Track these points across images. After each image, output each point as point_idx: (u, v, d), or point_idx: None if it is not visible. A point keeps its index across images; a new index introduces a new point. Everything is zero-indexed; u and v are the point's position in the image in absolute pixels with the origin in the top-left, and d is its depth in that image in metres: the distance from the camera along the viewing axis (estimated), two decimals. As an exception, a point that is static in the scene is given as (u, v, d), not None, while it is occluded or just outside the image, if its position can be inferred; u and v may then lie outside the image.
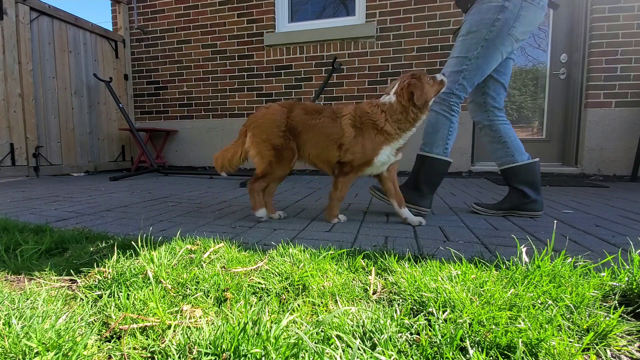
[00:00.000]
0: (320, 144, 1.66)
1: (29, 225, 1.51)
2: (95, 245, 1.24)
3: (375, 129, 1.61)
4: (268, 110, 1.71)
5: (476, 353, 0.61)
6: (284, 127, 1.66)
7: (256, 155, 1.69)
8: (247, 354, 0.58)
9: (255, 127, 1.70)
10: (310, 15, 4.52)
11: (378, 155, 1.62)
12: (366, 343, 0.65)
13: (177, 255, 1.09)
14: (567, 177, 3.79)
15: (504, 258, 1.05)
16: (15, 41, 3.68)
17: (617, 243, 1.37)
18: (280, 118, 1.67)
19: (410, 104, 1.58)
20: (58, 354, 0.59)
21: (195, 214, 1.95)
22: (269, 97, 4.57)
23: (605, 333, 0.68)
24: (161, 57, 4.98)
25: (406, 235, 1.49)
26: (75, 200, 2.39)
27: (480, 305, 0.75)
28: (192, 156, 4.98)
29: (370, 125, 1.61)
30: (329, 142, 1.65)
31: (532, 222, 1.74)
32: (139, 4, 4.97)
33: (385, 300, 0.85)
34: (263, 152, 1.67)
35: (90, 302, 0.82)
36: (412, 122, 1.61)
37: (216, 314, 0.78)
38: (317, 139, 1.66)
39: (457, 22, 3.89)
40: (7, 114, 3.63)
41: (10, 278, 1.00)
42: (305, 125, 1.66)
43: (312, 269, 0.97)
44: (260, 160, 1.68)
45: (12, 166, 3.68)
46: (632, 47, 3.58)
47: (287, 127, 1.67)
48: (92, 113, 4.64)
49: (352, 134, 1.62)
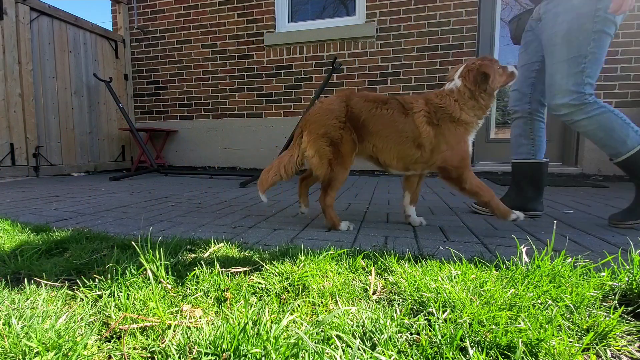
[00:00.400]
0: (392, 138, 1.50)
1: (29, 225, 1.51)
2: (95, 245, 1.24)
3: (452, 121, 1.48)
4: (323, 103, 1.57)
5: (476, 353, 0.61)
6: (343, 117, 1.51)
7: (314, 155, 1.52)
8: (247, 354, 0.58)
9: (311, 124, 1.54)
10: (310, 15, 4.52)
11: (468, 147, 1.50)
12: (366, 343, 0.65)
13: (177, 255, 1.09)
14: (567, 177, 3.79)
15: (504, 258, 1.05)
16: (15, 41, 3.68)
17: (617, 243, 1.37)
18: (339, 107, 1.52)
19: (478, 88, 1.46)
20: (58, 354, 0.59)
21: (195, 214, 1.95)
22: (269, 97, 4.57)
23: (605, 333, 0.68)
24: (161, 57, 4.98)
25: (406, 235, 1.49)
26: (75, 200, 2.39)
27: (480, 305, 0.75)
28: (192, 156, 4.98)
29: (447, 119, 1.48)
30: (403, 139, 1.50)
31: (532, 222, 1.74)
32: (139, 4, 4.97)
33: (385, 300, 0.85)
34: (321, 149, 1.51)
35: (90, 302, 0.82)
36: (484, 108, 1.49)
37: (216, 314, 0.78)
38: (387, 131, 1.50)
39: (457, 22, 3.89)
40: (7, 114, 3.63)
41: (10, 278, 1.00)
42: (370, 114, 1.50)
43: (312, 269, 0.97)
44: (319, 161, 1.52)
45: (12, 166, 3.68)
46: (632, 47, 3.58)
47: (348, 117, 1.51)
48: (92, 113, 4.64)
49: (431, 133, 1.48)
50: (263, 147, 4.63)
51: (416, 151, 1.50)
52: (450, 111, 1.48)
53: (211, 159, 4.90)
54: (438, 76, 4.00)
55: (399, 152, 1.52)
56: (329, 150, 1.50)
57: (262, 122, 4.62)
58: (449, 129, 1.48)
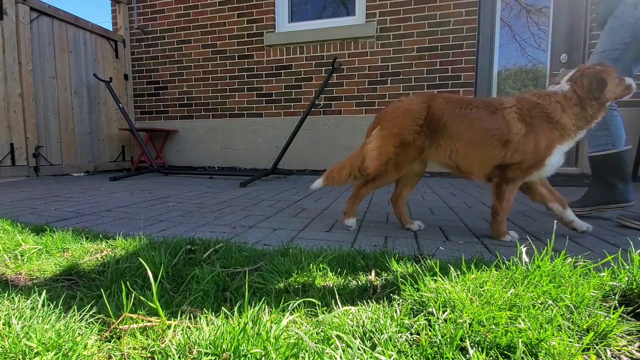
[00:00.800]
0: (475, 141, 1.38)
1: (29, 225, 1.51)
2: (95, 245, 1.24)
3: (549, 122, 1.34)
4: (402, 103, 1.50)
5: (476, 353, 0.61)
6: (422, 120, 1.43)
7: (376, 148, 1.46)
8: (247, 354, 0.58)
9: (386, 120, 1.48)
10: (310, 15, 4.52)
11: (551, 156, 1.36)
12: (366, 343, 0.65)
13: (177, 255, 1.09)
14: (567, 177, 3.79)
15: (504, 258, 1.05)
16: (15, 41, 3.68)
17: (617, 243, 1.37)
18: (419, 109, 1.44)
19: (589, 96, 1.32)
20: (58, 354, 0.59)
21: (195, 214, 1.95)
22: (269, 97, 4.57)
23: (605, 333, 0.68)
24: (161, 57, 4.98)
25: (406, 235, 1.49)
26: (75, 200, 2.39)
27: (480, 305, 0.75)
28: (192, 156, 4.98)
29: (544, 119, 1.34)
30: (489, 139, 1.37)
31: (532, 222, 1.74)
32: (139, 4, 4.97)
33: (385, 300, 0.85)
34: (385, 146, 1.45)
35: (91, 302, 0.82)
36: (588, 119, 1.35)
37: (216, 314, 0.78)
38: (471, 134, 1.39)
39: (457, 22, 3.89)
40: (7, 114, 3.63)
41: (10, 278, 1.00)
42: (453, 115, 1.40)
43: (312, 268, 0.97)
44: (377, 156, 1.46)
45: (12, 166, 3.68)
46: (632, 47, 3.58)
47: (427, 120, 1.43)
48: (92, 113, 4.64)
49: (522, 130, 1.34)
50: (263, 147, 4.63)
51: (500, 151, 1.37)
52: (549, 110, 1.34)
53: (211, 159, 4.90)
54: (438, 76, 4.01)
55: (481, 155, 1.40)
56: (393, 150, 1.44)
57: (262, 122, 4.63)
58: (543, 129, 1.34)
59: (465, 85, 3.94)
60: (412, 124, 1.43)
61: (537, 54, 4.08)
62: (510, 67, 4.12)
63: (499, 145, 1.37)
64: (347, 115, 4.31)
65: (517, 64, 4.11)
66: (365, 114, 4.24)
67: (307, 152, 4.47)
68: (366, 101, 4.24)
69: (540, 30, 4.00)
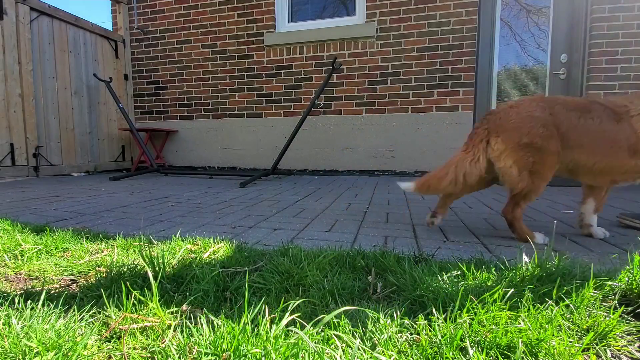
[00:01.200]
0: (600, 151, 1.33)
1: (29, 225, 1.51)
2: (95, 245, 1.24)
3: None
4: (521, 108, 1.39)
5: (476, 353, 0.61)
6: (551, 125, 1.33)
7: (512, 166, 1.35)
8: (247, 354, 0.58)
9: (509, 131, 1.36)
10: (310, 15, 4.52)
11: None
12: (366, 343, 0.65)
13: (177, 255, 1.09)
14: (567, 177, 3.79)
15: (504, 258, 1.05)
16: (15, 41, 3.67)
17: (617, 243, 1.37)
18: (543, 114, 1.35)
19: None
20: (58, 354, 0.59)
21: (195, 214, 1.95)
22: (269, 97, 4.57)
23: (605, 333, 0.68)
24: (161, 57, 4.98)
25: (406, 236, 1.49)
26: (75, 200, 2.39)
27: (480, 305, 0.75)
28: (192, 156, 4.98)
29: None
30: (615, 149, 1.32)
31: (532, 222, 1.74)
32: (139, 4, 4.97)
33: (385, 300, 0.85)
34: (523, 160, 1.33)
35: (91, 302, 0.82)
36: None
37: (216, 314, 0.78)
38: (594, 145, 1.33)
39: (457, 22, 3.89)
40: (7, 114, 3.63)
41: (11, 278, 1.00)
42: (572, 125, 1.34)
43: (312, 269, 0.97)
44: (518, 173, 1.34)
45: (12, 166, 3.68)
46: (632, 47, 3.58)
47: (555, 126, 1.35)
48: (92, 113, 4.64)
49: None
50: (263, 147, 4.63)
51: (629, 161, 1.32)
52: None
53: (211, 159, 4.90)
54: (438, 76, 4.00)
55: (606, 166, 1.34)
56: (531, 161, 1.33)
57: (262, 122, 4.62)
58: None
59: (465, 85, 3.94)
60: (542, 130, 1.33)
61: (537, 54, 4.08)
62: (510, 67, 4.12)
63: (627, 156, 1.32)
64: (347, 115, 4.31)
65: (517, 64, 4.10)
66: (365, 114, 4.25)
67: (307, 152, 4.47)
68: (366, 101, 4.24)
69: (540, 30, 4.00)
